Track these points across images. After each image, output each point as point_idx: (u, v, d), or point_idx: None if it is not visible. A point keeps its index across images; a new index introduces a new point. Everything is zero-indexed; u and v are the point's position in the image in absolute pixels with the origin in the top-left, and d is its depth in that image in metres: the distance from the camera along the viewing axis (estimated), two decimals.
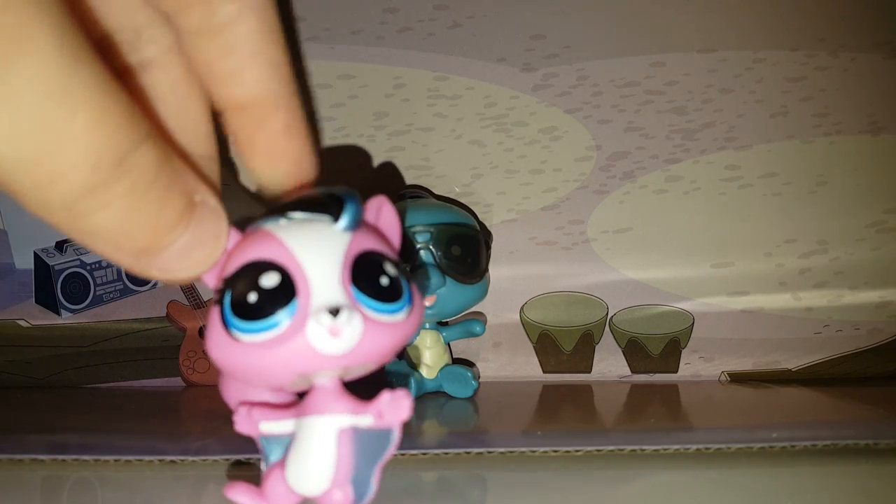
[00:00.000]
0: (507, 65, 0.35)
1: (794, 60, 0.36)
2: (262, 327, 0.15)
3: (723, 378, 0.38)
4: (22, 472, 0.22)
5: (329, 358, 0.15)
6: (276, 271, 0.15)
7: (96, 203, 0.13)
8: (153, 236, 0.14)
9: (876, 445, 0.24)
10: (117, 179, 0.13)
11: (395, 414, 0.16)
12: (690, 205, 0.37)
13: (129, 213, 0.13)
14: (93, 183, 0.13)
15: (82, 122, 0.12)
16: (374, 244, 0.16)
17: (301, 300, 0.15)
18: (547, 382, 0.37)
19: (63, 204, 0.13)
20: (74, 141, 0.12)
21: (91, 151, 0.13)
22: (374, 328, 0.16)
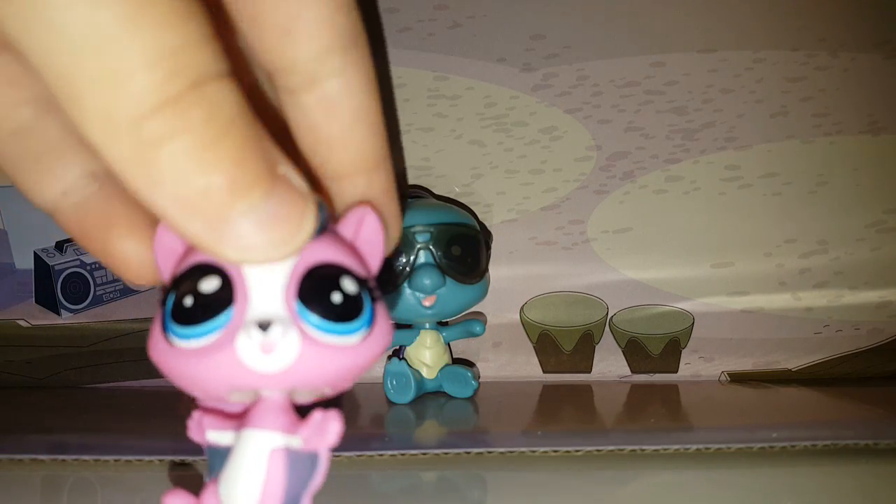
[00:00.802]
0: (507, 65, 0.35)
1: (794, 60, 0.36)
2: (194, 334, 0.14)
3: (723, 378, 0.38)
4: (22, 472, 0.22)
5: (260, 376, 0.14)
6: (218, 276, 0.14)
7: (166, 128, 0.11)
8: (227, 194, 0.12)
9: (876, 445, 0.24)
10: (192, 102, 0.12)
11: (320, 438, 0.15)
12: (690, 205, 0.37)
13: (203, 154, 0.12)
14: (165, 95, 0.11)
15: (162, 10, 0.11)
16: (334, 256, 0.15)
17: (237, 309, 0.14)
18: (547, 382, 0.37)
19: (131, 117, 0.11)
20: (153, 31, 0.11)
21: (169, 51, 0.11)
22: (317, 349, 0.14)
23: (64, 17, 0.11)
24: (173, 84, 0.11)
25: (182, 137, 0.12)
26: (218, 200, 0.12)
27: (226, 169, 0.12)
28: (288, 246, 0.13)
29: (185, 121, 0.12)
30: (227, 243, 0.13)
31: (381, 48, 0.34)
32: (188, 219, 0.12)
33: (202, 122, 0.12)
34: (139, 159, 0.12)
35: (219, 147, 0.12)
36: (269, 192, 0.13)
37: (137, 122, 0.11)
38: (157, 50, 0.11)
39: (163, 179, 0.12)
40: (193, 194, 0.12)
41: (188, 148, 0.12)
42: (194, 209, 0.12)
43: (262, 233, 0.13)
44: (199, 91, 0.12)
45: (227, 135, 0.12)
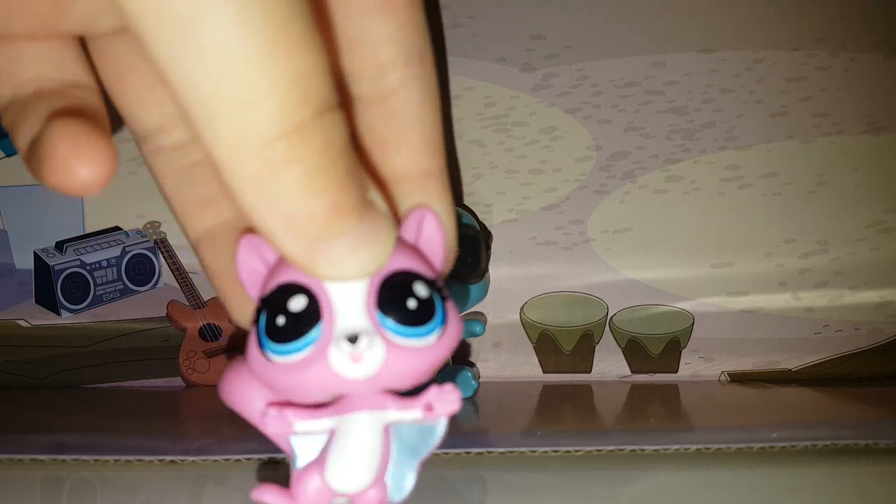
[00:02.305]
0: (507, 65, 0.35)
1: (794, 60, 0.36)
2: (289, 350, 0.15)
3: (723, 378, 0.38)
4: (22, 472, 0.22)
5: (353, 382, 0.15)
6: (304, 294, 0.15)
7: (289, 152, 0.12)
8: (330, 216, 0.13)
9: (876, 445, 0.24)
10: (314, 130, 0.12)
11: (444, 407, 0.17)
12: (690, 205, 0.37)
13: (315, 180, 0.13)
14: (294, 121, 0.12)
15: (296, 35, 0.12)
16: (405, 263, 0.16)
17: (325, 325, 0.15)
18: (547, 382, 0.37)
19: (262, 138, 0.12)
20: (289, 56, 0.12)
21: (301, 76, 0.12)
22: (400, 353, 0.16)
23: (212, 39, 0.11)
24: (301, 111, 0.12)
25: (302, 162, 0.12)
26: (321, 223, 0.13)
27: (331, 194, 0.13)
28: (374, 264, 0.14)
29: (306, 147, 0.12)
30: (323, 263, 0.14)
31: None
32: (292, 238, 0.13)
33: (320, 149, 0.13)
34: (260, 180, 0.12)
35: (329, 174, 0.13)
36: (362, 217, 0.14)
37: (266, 145, 0.12)
38: (291, 76, 0.12)
39: (278, 200, 0.13)
40: (301, 216, 0.13)
41: (305, 173, 0.13)
42: (299, 229, 0.13)
43: (354, 253, 0.14)
44: (320, 119, 0.12)
45: (336, 162, 0.13)
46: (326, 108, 0.12)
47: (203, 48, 0.11)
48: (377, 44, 0.15)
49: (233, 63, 0.11)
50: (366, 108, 0.16)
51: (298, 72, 0.12)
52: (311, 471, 0.17)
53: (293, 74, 0.12)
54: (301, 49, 0.12)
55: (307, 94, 0.12)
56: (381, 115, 0.16)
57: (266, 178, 0.12)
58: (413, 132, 0.16)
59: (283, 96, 0.12)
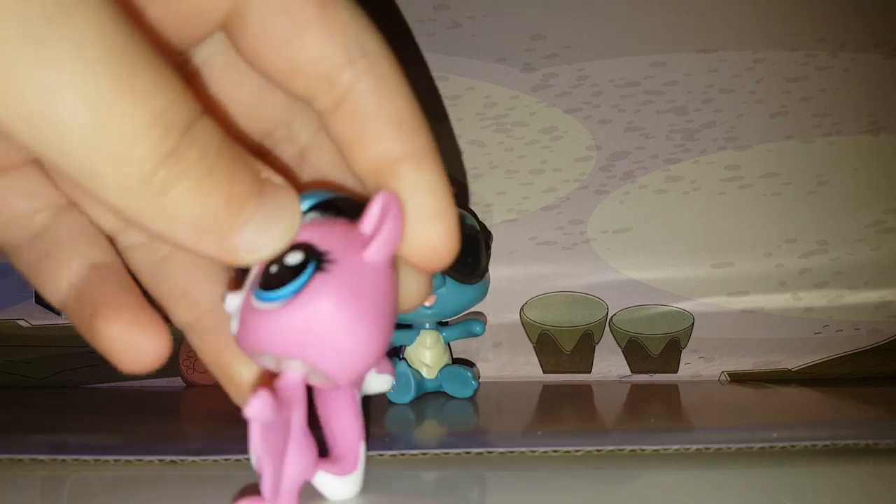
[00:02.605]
0: (507, 65, 0.35)
1: (794, 60, 0.36)
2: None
3: (723, 378, 0.38)
4: (22, 472, 0.22)
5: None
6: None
7: (173, 173, 0.13)
8: (230, 210, 0.14)
9: (876, 445, 0.24)
10: (186, 147, 0.13)
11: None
12: (690, 205, 0.37)
13: (203, 185, 0.14)
14: (165, 150, 0.13)
15: (144, 82, 0.13)
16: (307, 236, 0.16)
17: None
18: (547, 382, 0.37)
19: (142, 176, 0.13)
20: (142, 101, 0.13)
21: (158, 113, 0.13)
22: (250, 314, 0.16)
23: (68, 116, 0.12)
24: (169, 139, 0.13)
25: (184, 178, 0.13)
26: (223, 219, 0.14)
27: (223, 190, 0.14)
28: (287, 234, 0.15)
29: (184, 164, 0.13)
30: (241, 252, 0.15)
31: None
32: (206, 242, 0.14)
33: (197, 159, 0.13)
34: (156, 208, 0.13)
35: (214, 175, 0.14)
36: (261, 197, 0.15)
37: (148, 179, 0.13)
38: (149, 117, 0.13)
39: (176, 216, 0.14)
40: (203, 219, 0.14)
41: (192, 184, 0.14)
42: (207, 233, 0.14)
43: (265, 233, 0.15)
44: (188, 135, 0.13)
45: (217, 162, 0.14)
46: (190, 123, 0.13)
47: (63, 126, 0.12)
48: (314, 58, 0.16)
49: (94, 130, 0.12)
50: (331, 118, 0.16)
51: (155, 110, 0.13)
52: None
53: (151, 115, 0.13)
54: (152, 91, 0.13)
55: (169, 124, 0.13)
56: (343, 118, 0.16)
57: (161, 205, 0.13)
58: (377, 123, 0.16)
59: (148, 136, 0.13)
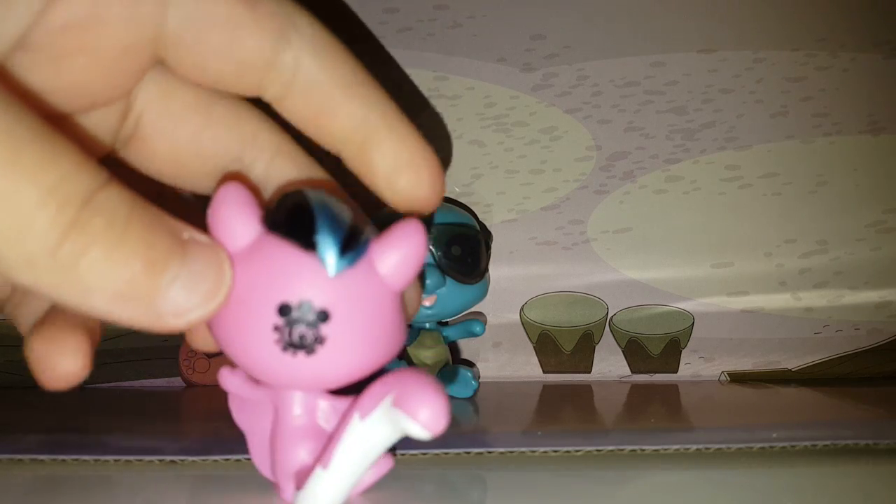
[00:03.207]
0: (507, 65, 0.35)
1: (794, 60, 0.36)
2: None
3: (723, 378, 0.38)
4: (22, 472, 0.22)
5: None
6: None
7: (77, 246, 0.13)
8: (149, 275, 0.14)
9: (876, 445, 0.24)
10: (89, 217, 0.13)
11: None
12: (690, 205, 0.37)
13: (115, 253, 0.13)
14: (64, 223, 0.13)
15: (30, 158, 0.12)
16: None
17: None
18: (547, 382, 0.37)
19: (46, 251, 0.13)
20: (30, 178, 0.12)
21: (50, 190, 0.13)
22: None
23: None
24: (66, 212, 0.13)
25: (92, 248, 0.13)
26: (144, 283, 0.14)
27: (139, 255, 0.14)
28: (218, 294, 0.15)
29: (89, 234, 0.13)
30: (166, 316, 0.14)
31: (382, 48, 0.34)
32: (127, 309, 0.14)
33: (105, 227, 0.13)
34: (70, 281, 0.13)
35: (126, 241, 0.13)
36: (184, 257, 0.14)
37: (52, 254, 0.13)
38: (42, 191, 0.12)
39: (91, 287, 0.13)
40: (122, 287, 0.13)
41: (103, 253, 0.13)
42: (127, 299, 0.14)
43: (192, 292, 0.14)
44: (90, 206, 0.13)
45: (128, 228, 0.13)
46: (92, 192, 0.13)
47: None
48: (255, 52, 0.16)
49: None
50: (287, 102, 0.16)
51: (47, 185, 0.12)
52: None
53: (42, 191, 0.12)
54: (41, 166, 0.12)
55: (66, 196, 0.13)
56: (298, 98, 0.16)
57: (72, 278, 0.13)
58: (331, 91, 0.16)
59: (45, 211, 0.12)
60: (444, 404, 0.15)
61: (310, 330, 0.15)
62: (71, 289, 0.13)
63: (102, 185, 0.13)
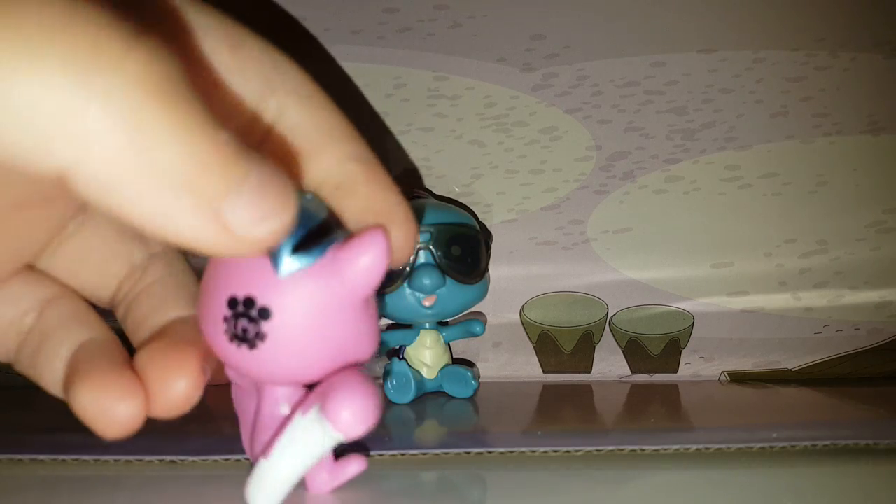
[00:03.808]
0: (507, 65, 0.35)
1: (794, 60, 0.36)
2: None
3: (723, 378, 0.38)
4: (22, 472, 0.22)
5: None
6: None
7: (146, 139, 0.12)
8: (220, 167, 0.13)
9: (876, 445, 0.24)
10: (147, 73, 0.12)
11: None
12: (690, 205, 0.37)
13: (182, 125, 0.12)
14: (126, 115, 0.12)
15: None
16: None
17: None
18: (547, 382, 0.37)
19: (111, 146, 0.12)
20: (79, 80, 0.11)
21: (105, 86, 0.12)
22: None
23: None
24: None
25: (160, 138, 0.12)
26: (214, 175, 0.13)
27: (208, 149, 0.13)
28: (287, 206, 0.14)
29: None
30: (234, 226, 0.13)
31: (381, 48, 0.34)
32: (193, 205, 0.13)
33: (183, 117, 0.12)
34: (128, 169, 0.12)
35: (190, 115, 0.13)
36: (250, 164, 0.13)
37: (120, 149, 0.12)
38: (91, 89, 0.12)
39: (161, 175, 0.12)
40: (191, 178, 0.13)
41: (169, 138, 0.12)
42: (195, 191, 0.13)
43: (260, 203, 0.13)
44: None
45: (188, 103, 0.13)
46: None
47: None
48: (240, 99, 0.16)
49: None
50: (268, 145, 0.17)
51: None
52: None
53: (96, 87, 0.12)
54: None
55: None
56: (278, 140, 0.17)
57: (143, 163, 0.12)
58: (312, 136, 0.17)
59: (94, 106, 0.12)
60: (364, 407, 0.16)
61: (251, 325, 0.16)
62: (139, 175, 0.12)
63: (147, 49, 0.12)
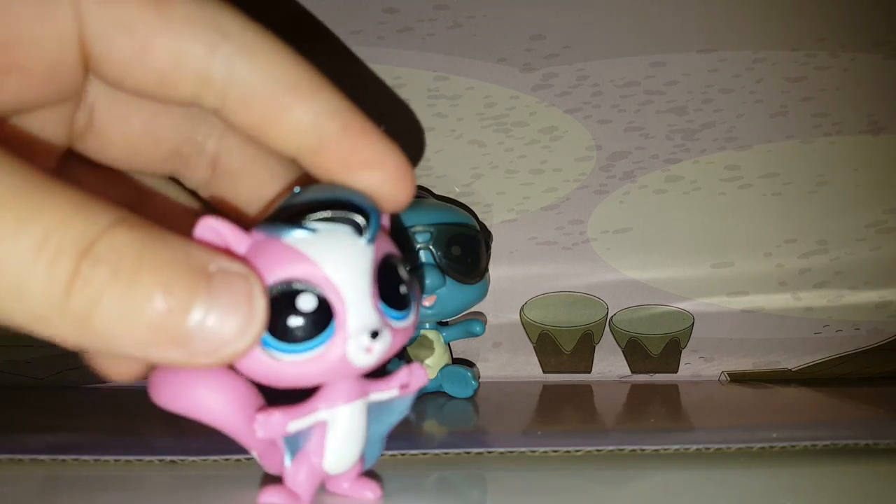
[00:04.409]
0: (507, 65, 0.35)
1: (794, 60, 0.36)
2: (302, 349, 0.15)
3: (723, 378, 0.38)
4: (22, 472, 0.22)
5: (359, 369, 0.16)
6: (312, 293, 0.15)
7: (85, 298, 0.12)
8: (172, 318, 0.13)
9: (876, 445, 0.24)
10: (91, 267, 0.12)
11: (417, 382, 0.18)
12: (690, 205, 0.37)
13: (129, 299, 0.13)
14: (63, 276, 0.12)
15: (11, 216, 0.12)
16: (389, 248, 0.17)
17: (338, 321, 0.15)
18: (547, 382, 0.37)
19: (53, 307, 0.12)
20: (12, 238, 0.12)
21: (38, 244, 0.12)
22: (396, 336, 0.16)
23: None
24: (62, 265, 0.12)
25: (102, 298, 0.13)
26: (169, 325, 0.13)
27: (157, 298, 0.13)
28: (251, 327, 0.14)
29: (94, 285, 0.12)
30: (199, 354, 0.13)
31: (381, 48, 0.34)
32: (158, 351, 0.13)
33: (110, 277, 0.13)
34: (84, 332, 0.13)
35: (138, 286, 0.13)
36: (209, 292, 0.13)
37: (61, 308, 0.12)
38: (30, 246, 0.12)
39: (113, 335, 0.13)
40: (145, 332, 0.13)
41: (114, 302, 0.13)
42: (156, 342, 0.13)
43: (222, 330, 0.13)
44: (91, 255, 0.12)
45: (139, 271, 0.13)
46: (91, 240, 0.12)
47: None
48: (175, 61, 0.15)
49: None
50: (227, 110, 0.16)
51: (35, 238, 0.12)
52: (301, 462, 0.18)
53: (32, 244, 0.12)
54: (25, 219, 0.12)
55: (58, 248, 0.12)
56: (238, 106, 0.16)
57: (92, 328, 0.13)
58: (273, 95, 0.16)
59: (37, 267, 0.12)
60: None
61: None
62: (93, 339, 0.13)
63: (104, 229, 0.13)
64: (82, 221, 0.12)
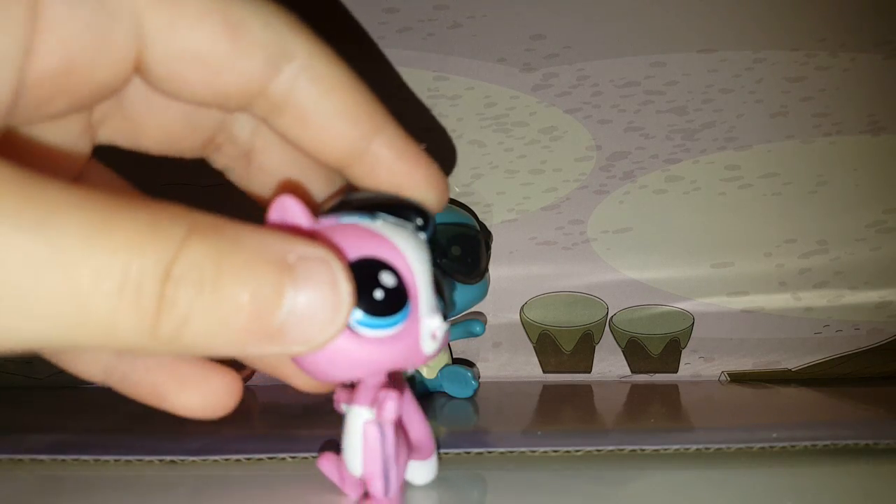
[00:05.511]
0: (507, 65, 0.35)
1: (794, 60, 0.36)
2: (385, 324, 0.15)
3: (723, 378, 0.38)
4: (22, 472, 0.22)
5: (425, 357, 0.16)
6: (392, 272, 0.16)
7: (173, 323, 0.12)
8: (262, 317, 0.13)
9: (876, 445, 0.24)
10: (174, 293, 0.12)
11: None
12: (690, 205, 0.37)
13: (217, 312, 0.13)
14: (150, 308, 0.12)
15: (80, 255, 0.11)
16: None
17: (413, 303, 0.16)
18: (547, 382, 0.37)
19: (144, 337, 0.12)
20: (93, 277, 0.11)
21: (121, 283, 0.12)
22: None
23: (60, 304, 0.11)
24: (146, 297, 0.12)
25: (191, 319, 0.12)
26: (260, 327, 0.13)
27: (244, 304, 0.13)
28: (343, 308, 0.14)
29: (181, 308, 0.12)
30: (294, 346, 0.13)
31: (381, 48, 0.34)
32: (256, 349, 0.13)
33: (194, 296, 0.12)
34: (180, 349, 0.13)
35: (224, 296, 0.13)
36: (294, 284, 0.13)
37: (153, 336, 0.12)
38: (112, 284, 0.12)
39: (208, 346, 0.13)
40: (239, 337, 0.13)
41: (202, 319, 0.12)
42: (251, 343, 0.13)
43: (312, 320, 0.13)
44: (171, 280, 0.12)
45: (221, 281, 0.12)
46: (168, 264, 0.12)
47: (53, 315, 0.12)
48: (238, 83, 0.15)
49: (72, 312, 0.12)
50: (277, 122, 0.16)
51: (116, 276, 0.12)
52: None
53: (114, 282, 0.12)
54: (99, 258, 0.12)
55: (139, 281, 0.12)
56: (292, 122, 0.16)
57: (185, 345, 0.13)
58: (329, 120, 0.16)
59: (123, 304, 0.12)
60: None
61: None
62: (188, 352, 0.13)
63: (179, 246, 0.12)
64: (155, 246, 0.12)
